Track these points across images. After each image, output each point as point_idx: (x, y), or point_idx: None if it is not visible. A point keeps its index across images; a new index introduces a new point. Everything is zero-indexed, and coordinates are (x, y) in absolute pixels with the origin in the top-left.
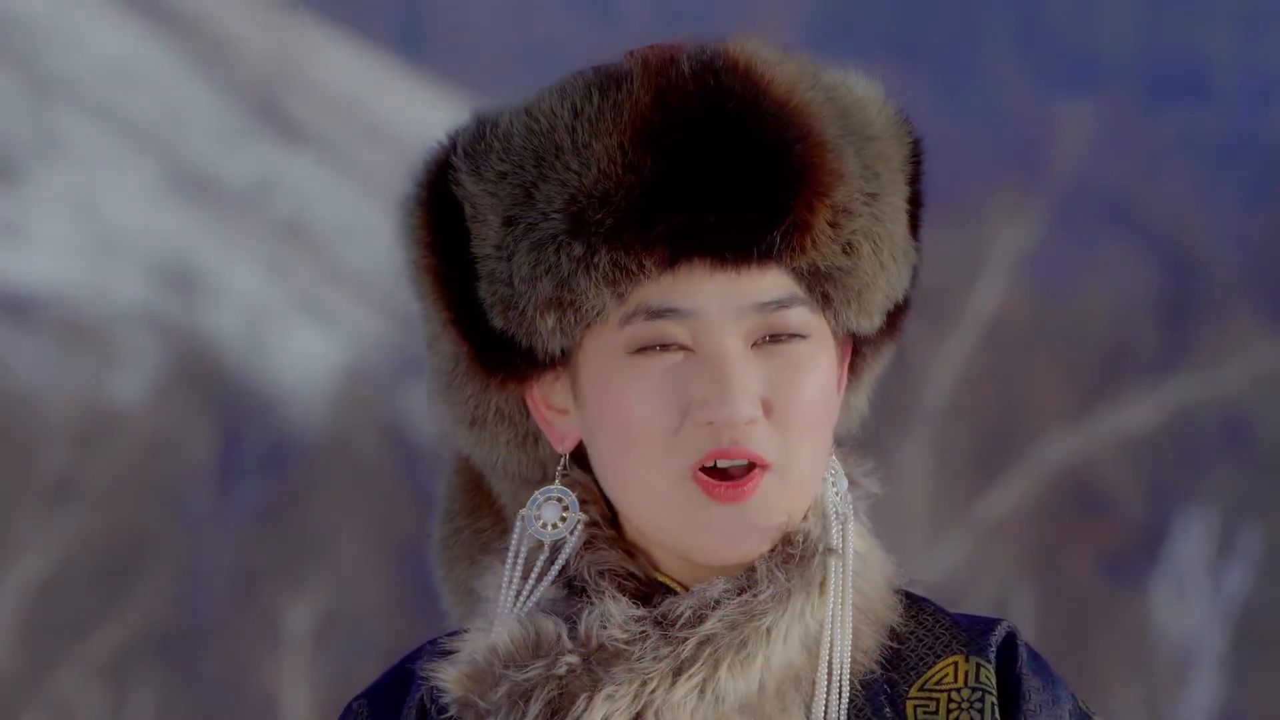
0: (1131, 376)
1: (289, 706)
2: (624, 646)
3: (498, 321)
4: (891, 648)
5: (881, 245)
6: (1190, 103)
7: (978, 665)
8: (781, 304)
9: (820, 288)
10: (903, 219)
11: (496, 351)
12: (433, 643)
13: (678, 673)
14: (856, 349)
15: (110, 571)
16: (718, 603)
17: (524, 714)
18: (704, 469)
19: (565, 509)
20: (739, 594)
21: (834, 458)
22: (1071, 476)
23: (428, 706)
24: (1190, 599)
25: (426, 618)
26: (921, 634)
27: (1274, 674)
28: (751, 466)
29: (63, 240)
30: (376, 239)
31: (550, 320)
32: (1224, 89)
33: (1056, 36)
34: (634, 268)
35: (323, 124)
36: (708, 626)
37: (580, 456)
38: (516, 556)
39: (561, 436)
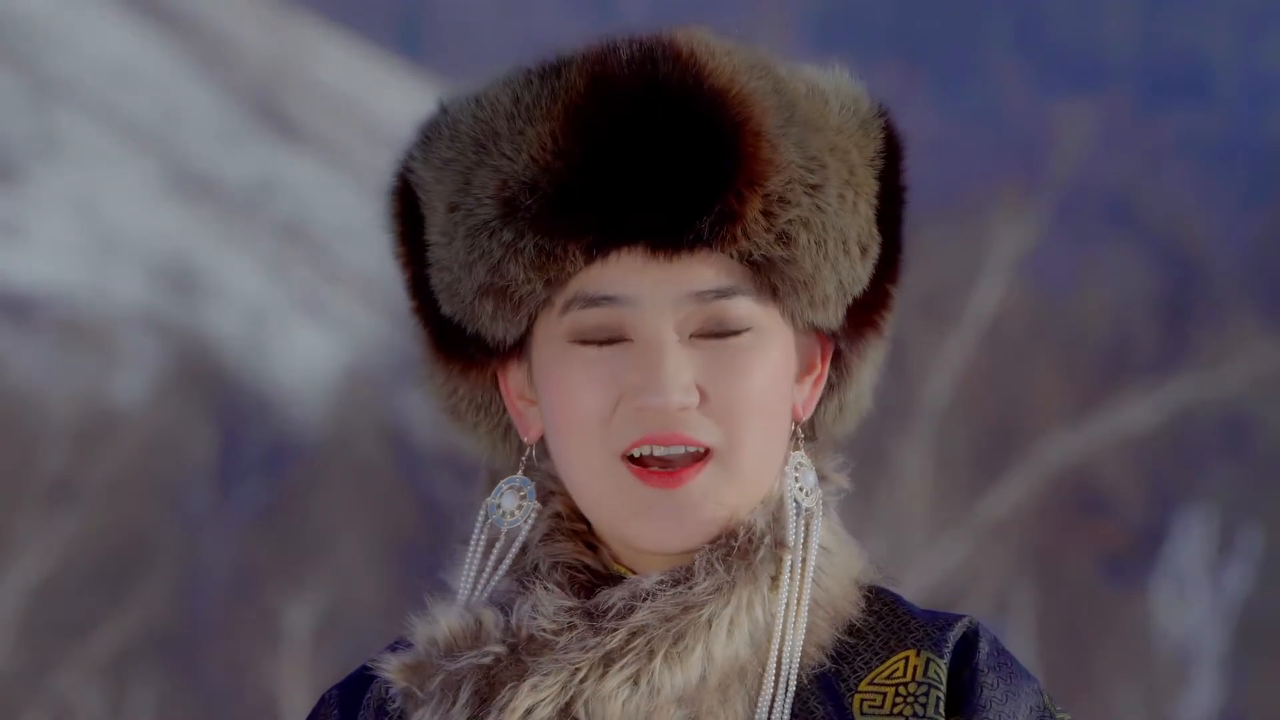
0: (1131, 376)
1: (289, 706)
2: (551, 637)
3: (446, 308)
4: (846, 642)
5: (826, 236)
6: (1190, 103)
7: (928, 660)
8: (720, 293)
9: (766, 279)
10: (863, 212)
11: (450, 339)
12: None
13: (608, 663)
14: (836, 346)
15: (110, 571)
16: (650, 594)
17: (453, 703)
18: (636, 458)
19: (523, 497)
20: (674, 585)
21: (801, 453)
22: (1071, 476)
23: (383, 699)
24: (1190, 599)
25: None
26: (880, 629)
27: (1274, 674)
28: (694, 458)
29: (63, 240)
30: (376, 239)
31: (488, 306)
32: (1224, 89)
33: (1056, 36)
34: (559, 253)
35: (323, 124)
36: (638, 618)
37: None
38: (477, 545)
39: (528, 426)
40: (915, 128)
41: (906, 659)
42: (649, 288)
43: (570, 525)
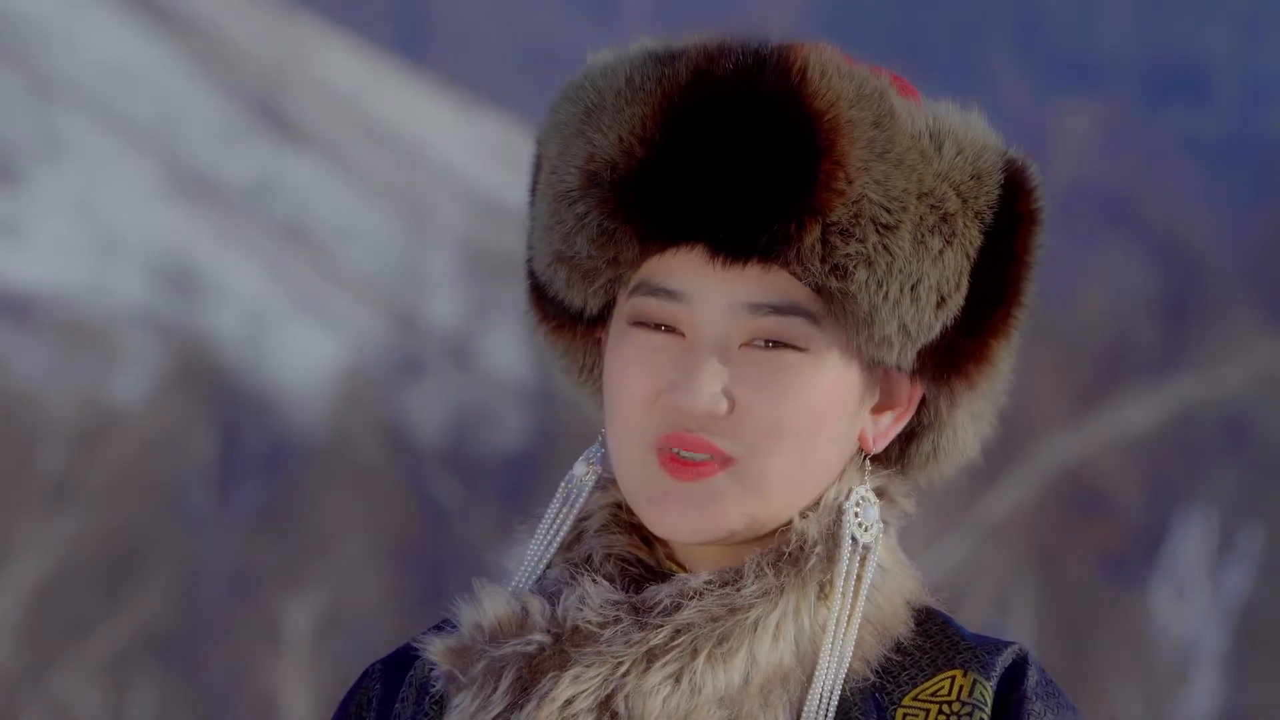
0: (1131, 376)
1: (289, 706)
2: (595, 629)
3: (534, 265)
4: (893, 659)
5: (890, 278)
6: (1190, 103)
7: (974, 681)
8: (777, 309)
9: (828, 306)
10: (949, 261)
11: (540, 297)
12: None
13: (651, 659)
14: (925, 389)
15: (110, 571)
16: (697, 593)
17: (495, 689)
18: (663, 449)
19: (591, 463)
20: (721, 586)
21: (866, 487)
22: (1071, 476)
23: (425, 678)
24: (1190, 599)
25: (426, 618)
26: (928, 647)
27: (1274, 674)
28: (717, 462)
29: (63, 240)
30: (376, 239)
31: (561, 274)
32: (1224, 89)
33: (1056, 36)
34: (617, 236)
35: (323, 124)
36: (684, 615)
37: None
38: (544, 524)
39: None
40: (1030, 182)
41: (953, 678)
42: (706, 289)
43: (628, 518)
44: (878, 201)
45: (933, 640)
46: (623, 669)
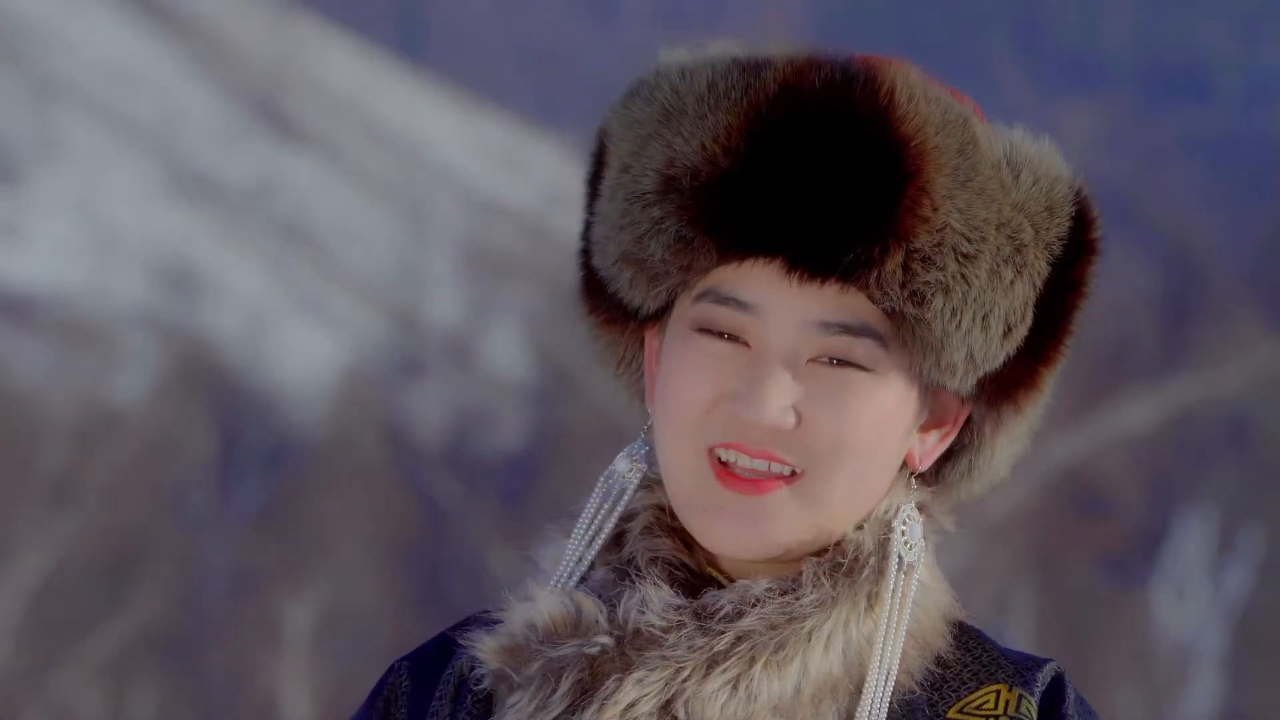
0: (1131, 376)
1: (289, 706)
2: (659, 633)
3: (595, 261)
4: (935, 672)
5: (966, 307)
6: (1190, 103)
7: (1020, 696)
8: (848, 329)
9: (898, 329)
10: (1019, 292)
11: (595, 290)
12: (486, 611)
13: (711, 665)
14: (972, 413)
15: (110, 571)
16: (759, 600)
17: (554, 690)
18: (722, 460)
19: (635, 460)
20: (781, 594)
21: (913, 505)
22: (1071, 476)
23: (465, 676)
24: (1190, 599)
25: (426, 618)
26: (968, 661)
27: (1274, 674)
28: (779, 475)
29: (63, 240)
30: (376, 239)
31: (627, 274)
32: (1224, 89)
33: (1057, 36)
34: (695, 244)
35: (323, 124)
36: (746, 622)
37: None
38: (584, 520)
39: (653, 395)
40: (1096, 218)
41: (998, 692)
42: (779, 304)
43: (671, 521)
44: (960, 230)
45: (972, 654)
46: (684, 674)
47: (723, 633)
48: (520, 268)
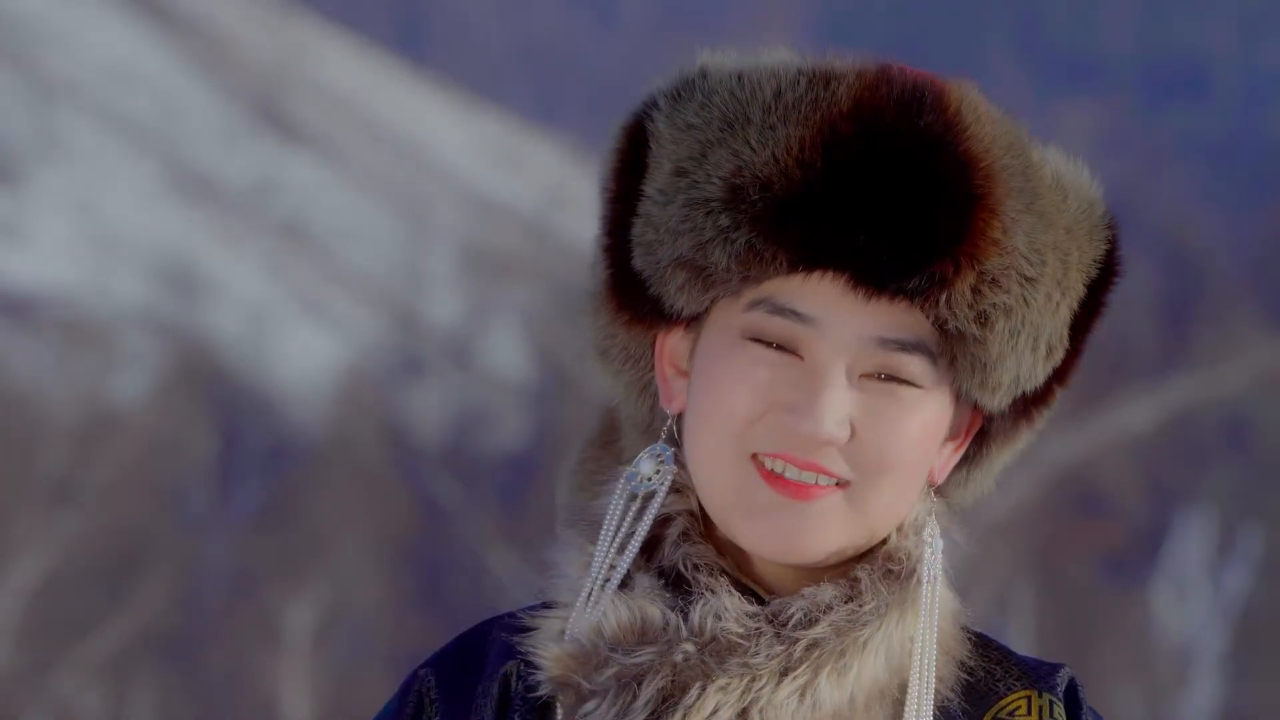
0: (1131, 376)
1: (289, 706)
2: (739, 641)
3: (638, 262)
4: (964, 679)
5: (1022, 329)
6: (1190, 103)
7: (1050, 702)
8: (904, 346)
9: (952, 347)
10: (1062, 315)
11: (629, 289)
12: (511, 615)
13: (784, 673)
14: (985, 426)
15: (110, 571)
16: (829, 607)
17: (635, 697)
18: (767, 468)
19: (661, 462)
20: (845, 602)
21: (934, 521)
22: (1071, 476)
23: (514, 683)
24: (1190, 599)
25: (426, 618)
26: (990, 668)
27: (1274, 674)
28: (825, 486)
29: (63, 240)
30: (376, 239)
31: (679, 278)
32: (1224, 89)
33: (1056, 36)
34: (766, 256)
35: (323, 124)
36: (818, 630)
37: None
38: (618, 506)
39: (672, 396)
40: (1119, 242)
41: (1029, 698)
42: (839, 318)
43: (700, 527)
44: (1024, 254)
45: (992, 660)
46: (760, 682)
47: (797, 640)
48: (520, 268)
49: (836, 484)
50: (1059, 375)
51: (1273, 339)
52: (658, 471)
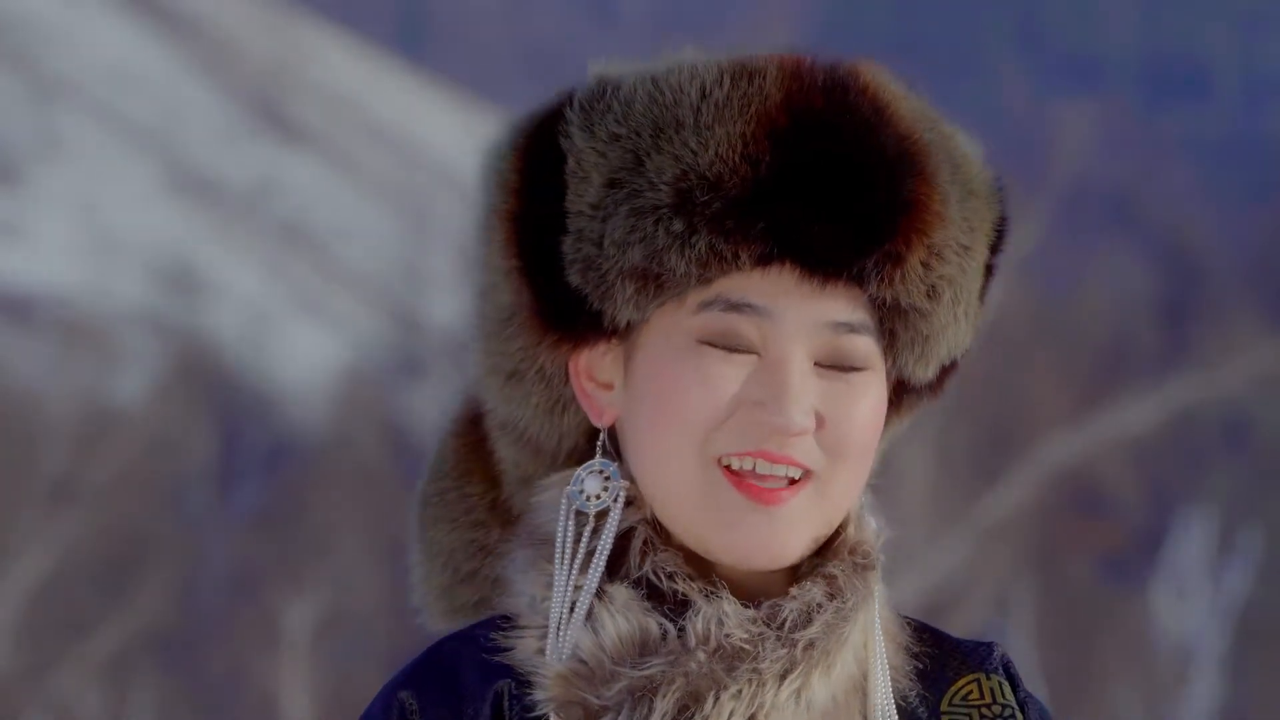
0: (1131, 376)
1: (289, 706)
2: (746, 647)
3: (575, 279)
4: (916, 666)
5: (960, 298)
6: (1190, 103)
7: (999, 683)
8: (853, 328)
9: (891, 324)
10: (977, 278)
11: (562, 308)
12: (469, 633)
13: (784, 676)
14: (896, 400)
15: (110, 571)
16: (820, 606)
17: (650, 710)
18: (734, 469)
19: (607, 479)
20: (830, 599)
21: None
22: (1071, 476)
23: (506, 703)
24: (1190, 599)
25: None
26: (933, 652)
27: (1274, 674)
28: (790, 480)
29: (63, 240)
30: (376, 239)
31: (629, 289)
32: (1224, 89)
33: (1056, 36)
34: (728, 256)
35: (323, 124)
36: (813, 630)
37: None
38: (567, 527)
39: (601, 411)
40: (1008, 203)
41: (977, 681)
42: (794, 307)
43: (660, 534)
44: (958, 223)
45: (930, 645)
46: (766, 686)
47: (797, 642)
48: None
49: (800, 477)
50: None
51: (1273, 339)
52: (605, 489)
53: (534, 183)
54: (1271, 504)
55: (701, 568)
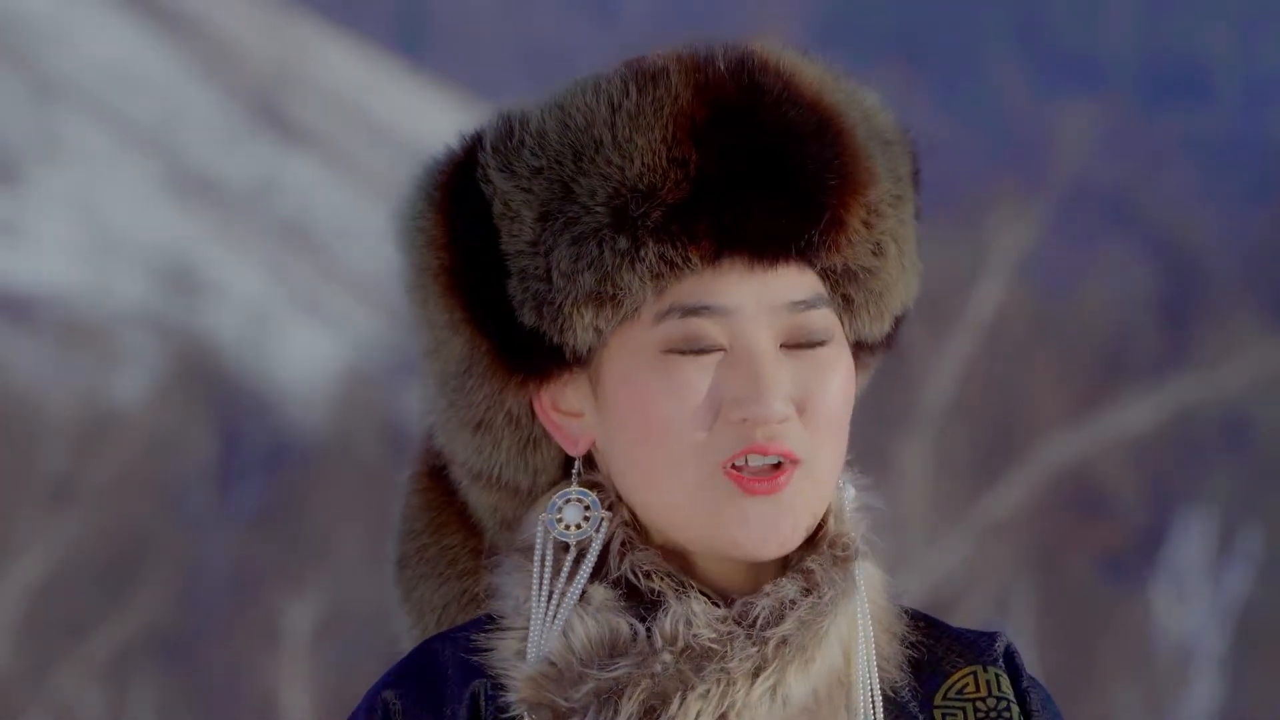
0: (1131, 376)
1: (289, 706)
2: (714, 646)
3: (528, 319)
4: (911, 657)
5: (904, 249)
6: (1190, 103)
7: (996, 675)
8: (809, 304)
9: (843, 289)
10: (913, 226)
11: (520, 349)
12: (454, 635)
13: (756, 674)
14: (855, 359)
15: (110, 571)
16: (794, 602)
17: (616, 711)
18: (735, 466)
19: (587, 509)
20: (806, 594)
21: (849, 488)
22: (1071, 476)
23: (482, 704)
24: (1190, 599)
25: None
26: (930, 644)
27: (1274, 674)
28: (779, 464)
29: (63, 240)
30: (376, 239)
31: (588, 315)
32: (1224, 89)
33: (1056, 36)
34: (680, 261)
35: (323, 124)
36: (786, 626)
37: (588, 462)
38: (544, 559)
39: (574, 440)
40: (916, 128)
41: (974, 674)
42: (749, 297)
43: (639, 535)
44: (887, 175)
45: (931, 637)
46: (736, 685)
47: (768, 639)
48: None
49: (794, 460)
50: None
51: (1273, 339)
52: (586, 518)
53: (461, 233)
54: (1271, 504)
55: (682, 564)
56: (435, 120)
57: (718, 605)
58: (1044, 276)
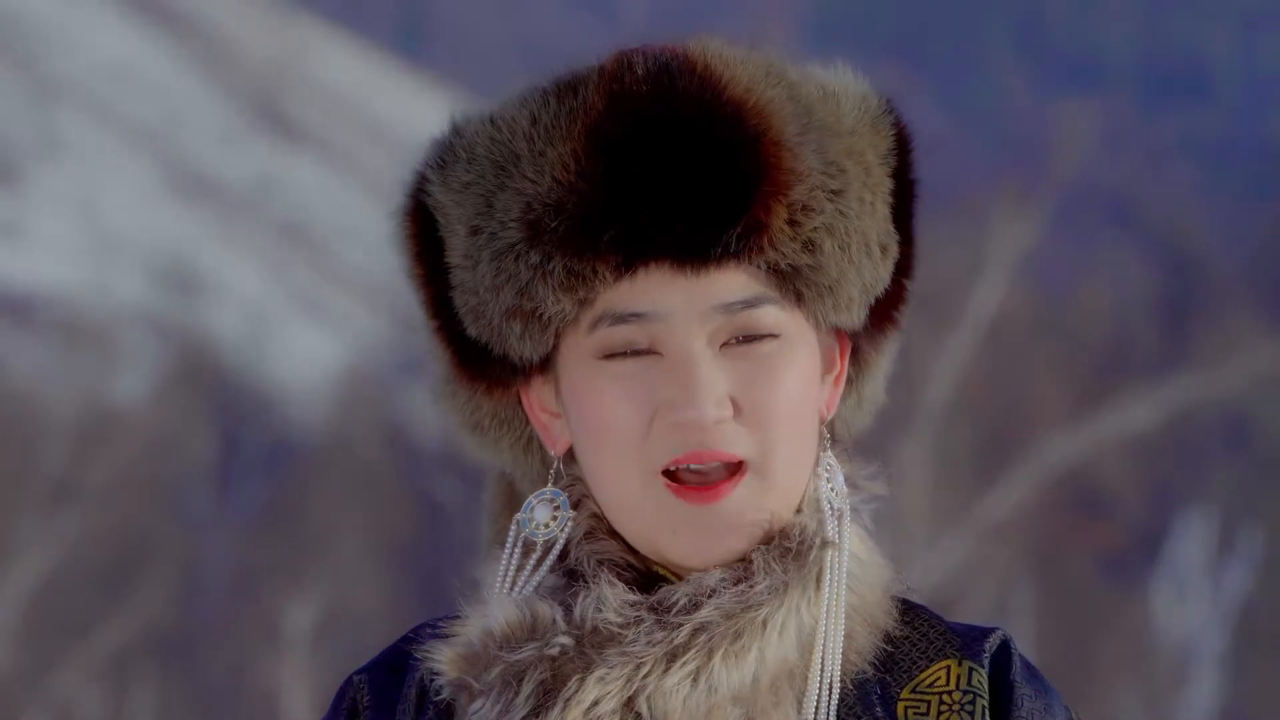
0: (1131, 376)
1: (289, 706)
2: (618, 630)
3: (471, 330)
4: (886, 650)
5: (850, 241)
6: (1190, 103)
7: (970, 669)
8: (748, 304)
9: (791, 285)
10: (880, 212)
11: (475, 359)
12: (431, 625)
13: (671, 659)
14: (855, 344)
15: (110, 571)
16: (714, 591)
17: (516, 694)
18: (672, 472)
19: (557, 508)
20: (735, 584)
21: (830, 454)
22: (1071, 476)
23: (426, 687)
24: (1190, 599)
25: (426, 617)
26: (916, 639)
27: (1274, 674)
28: (729, 470)
29: (63, 240)
30: (376, 239)
31: (516, 328)
32: (1224, 89)
33: (1056, 36)
34: (588, 274)
35: (323, 124)
36: (703, 614)
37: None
38: (513, 551)
39: (555, 439)
40: (916, 128)
41: (948, 668)
42: (678, 302)
43: (607, 525)
44: (821, 171)
45: (919, 631)
46: (644, 669)
47: (680, 626)
48: None
49: (738, 466)
50: (902, 269)
51: (1273, 339)
52: (554, 518)
53: (424, 243)
54: (1271, 504)
55: (642, 558)
56: (435, 120)
57: (634, 591)
58: (1044, 276)
